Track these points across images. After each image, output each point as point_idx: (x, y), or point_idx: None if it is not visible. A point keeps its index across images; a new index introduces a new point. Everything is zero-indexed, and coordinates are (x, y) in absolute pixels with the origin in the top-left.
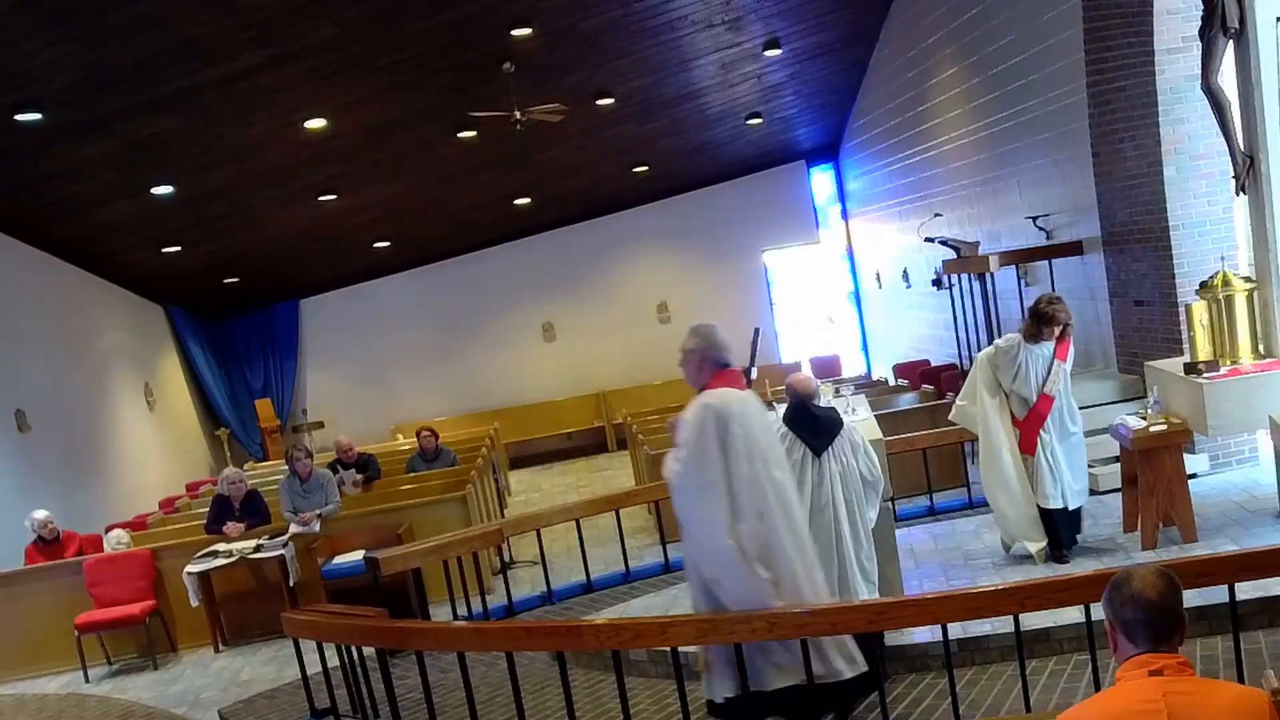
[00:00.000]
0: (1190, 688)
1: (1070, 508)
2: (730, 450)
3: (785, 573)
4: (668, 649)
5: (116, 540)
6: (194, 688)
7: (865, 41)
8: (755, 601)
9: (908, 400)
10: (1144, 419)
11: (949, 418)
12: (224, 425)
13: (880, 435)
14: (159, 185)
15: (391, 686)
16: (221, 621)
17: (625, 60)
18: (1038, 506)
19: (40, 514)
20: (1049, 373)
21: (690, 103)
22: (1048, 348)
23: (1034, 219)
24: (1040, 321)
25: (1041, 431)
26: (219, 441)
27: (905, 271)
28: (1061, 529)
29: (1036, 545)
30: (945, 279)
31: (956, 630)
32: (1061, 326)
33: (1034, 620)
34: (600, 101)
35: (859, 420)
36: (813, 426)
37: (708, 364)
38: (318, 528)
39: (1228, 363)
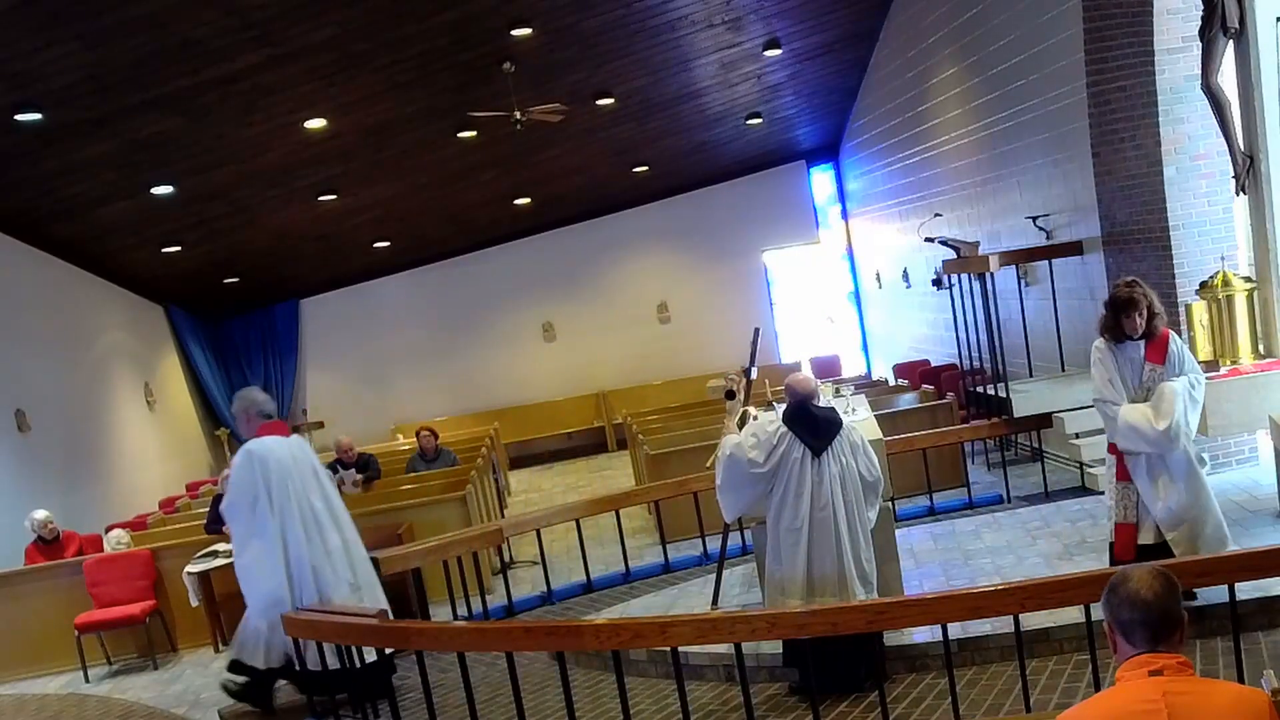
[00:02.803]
0: (1190, 688)
1: (1150, 542)
2: (272, 484)
3: (326, 585)
4: (668, 649)
5: (116, 540)
6: (194, 688)
7: (865, 41)
8: (267, 611)
9: (908, 400)
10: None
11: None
12: (224, 425)
13: (880, 435)
14: (159, 185)
15: (391, 686)
16: (221, 621)
17: (625, 60)
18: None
19: (40, 514)
20: (1141, 380)
21: (690, 103)
22: (1136, 348)
23: (1034, 219)
24: (1118, 310)
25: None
26: (219, 441)
27: (905, 271)
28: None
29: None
30: (945, 279)
31: (956, 630)
32: (1148, 315)
33: (1034, 620)
34: (600, 101)
35: (859, 420)
36: (812, 427)
37: (254, 419)
38: None
39: (1228, 363)
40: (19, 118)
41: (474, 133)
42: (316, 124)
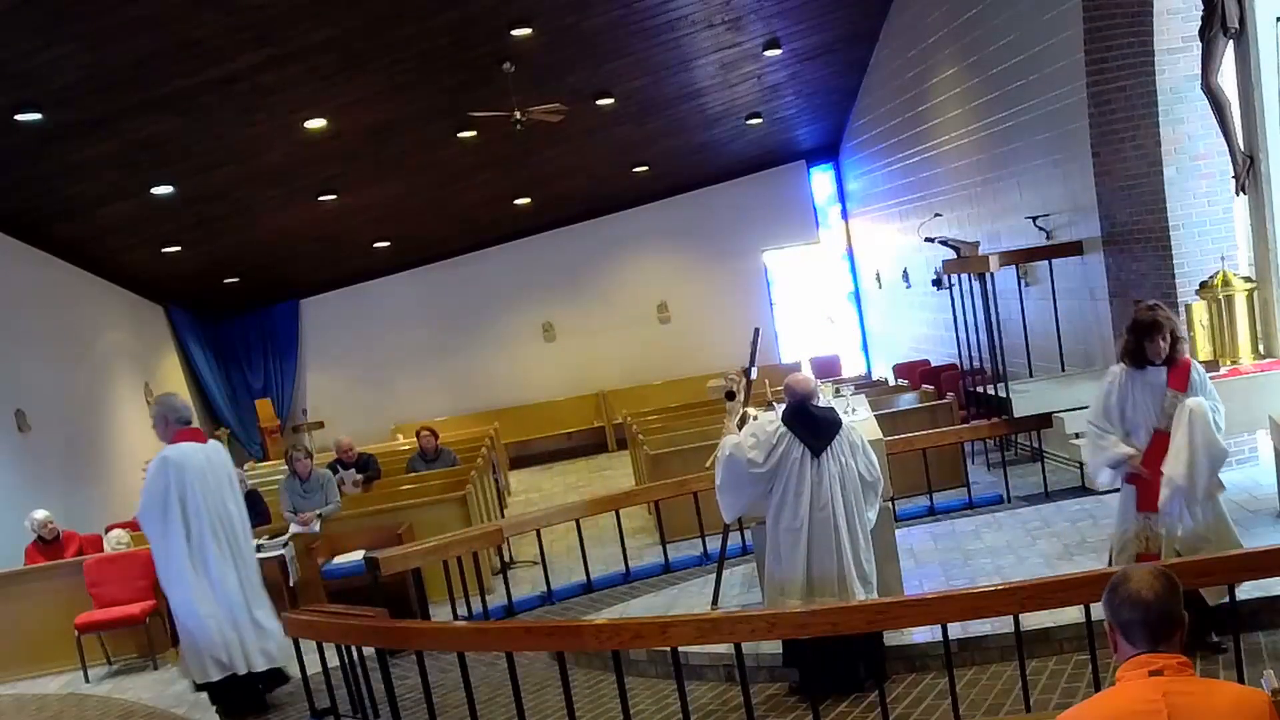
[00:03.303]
0: (1190, 688)
1: None
2: (187, 491)
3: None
4: (668, 649)
5: (116, 540)
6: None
7: (865, 41)
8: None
9: (908, 400)
10: None
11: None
12: (224, 425)
13: (880, 435)
14: (159, 185)
15: (391, 686)
16: None
17: (625, 60)
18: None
19: (40, 514)
20: (1163, 407)
21: (690, 103)
22: (1158, 374)
23: (1034, 219)
24: (1140, 334)
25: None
26: (219, 441)
27: (905, 271)
28: None
29: None
30: (945, 279)
31: (956, 630)
32: (1171, 340)
33: (1034, 620)
34: (600, 101)
35: (859, 420)
36: (812, 426)
37: (171, 425)
38: (318, 528)
39: (1228, 363)
40: (19, 118)
41: (474, 133)
42: (316, 124)
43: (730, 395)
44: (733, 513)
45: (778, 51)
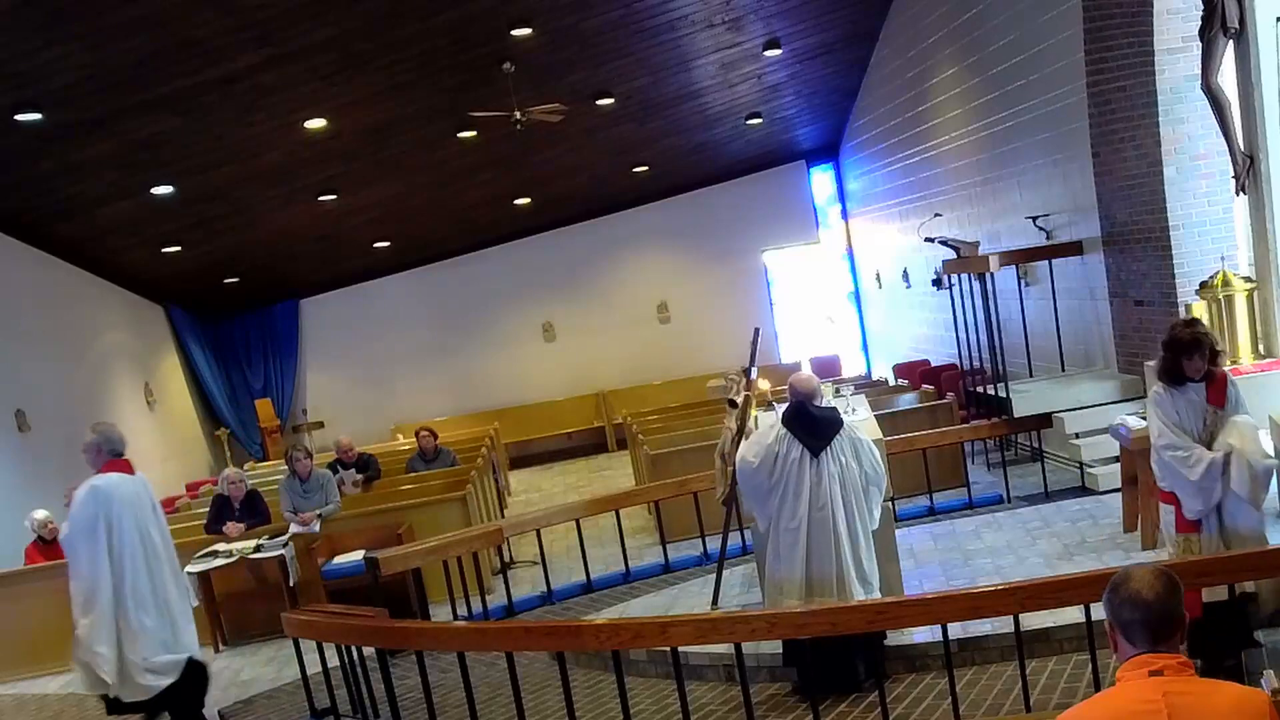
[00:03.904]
0: (1190, 688)
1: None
2: (114, 519)
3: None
4: (668, 649)
5: None
6: None
7: (865, 41)
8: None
9: (908, 400)
10: (1144, 419)
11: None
12: (224, 425)
13: (880, 435)
14: (159, 185)
15: (391, 686)
16: (221, 621)
17: (625, 60)
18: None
19: (40, 514)
20: (1204, 424)
21: (690, 103)
22: (1197, 390)
23: (1034, 219)
24: (1178, 352)
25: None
26: (219, 441)
27: (905, 271)
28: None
29: None
30: (945, 279)
31: (956, 630)
32: (1210, 355)
33: (1034, 620)
34: (600, 101)
35: (859, 420)
36: (810, 426)
37: (103, 454)
38: (318, 528)
39: (1228, 363)
40: (19, 118)
41: (474, 133)
42: (316, 124)
43: (732, 404)
44: (763, 519)
45: (778, 51)
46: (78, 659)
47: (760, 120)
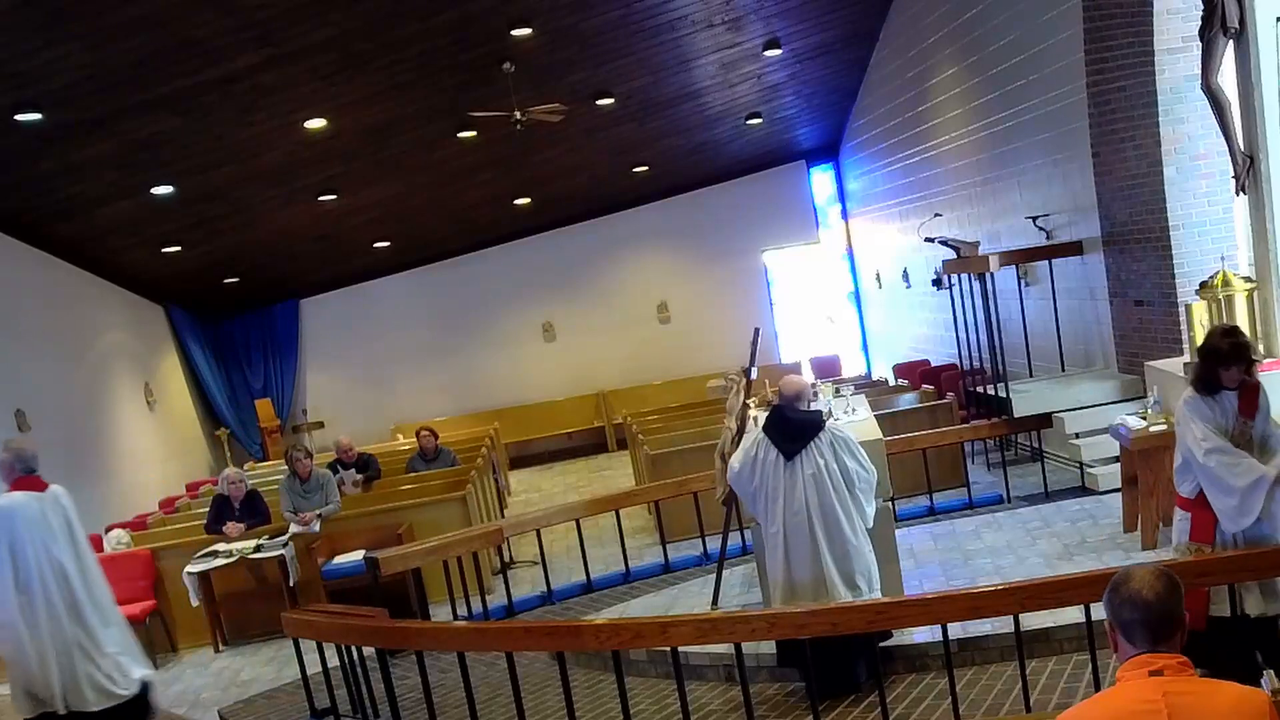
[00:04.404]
0: (1190, 688)
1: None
2: (16, 537)
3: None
4: (668, 649)
5: (116, 540)
6: (194, 688)
7: (865, 41)
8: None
9: (908, 400)
10: (1144, 419)
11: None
12: (224, 425)
13: (880, 435)
14: (159, 185)
15: (391, 686)
16: (221, 621)
17: (625, 60)
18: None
19: None
20: (1232, 434)
21: (690, 103)
22: (1230, 398)
23: (1034, 219)
24: (1217, 362)
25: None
26: (219, 441)
27: (905, 271)
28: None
29: None
30: (945, 279)
31: (956, 630)
32: (1246, 365)
33: (1034, 620)
34: (600, 101)
35: (859, 420)
36: (784, 430)
37: (15, 472)
38: (318, 528)
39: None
40: (19, 118)
41: (474, 133)
42: (316, 124)
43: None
44: (762, 521)
45: (778, 51)
46: (10, 681)
47: (760, 120)
